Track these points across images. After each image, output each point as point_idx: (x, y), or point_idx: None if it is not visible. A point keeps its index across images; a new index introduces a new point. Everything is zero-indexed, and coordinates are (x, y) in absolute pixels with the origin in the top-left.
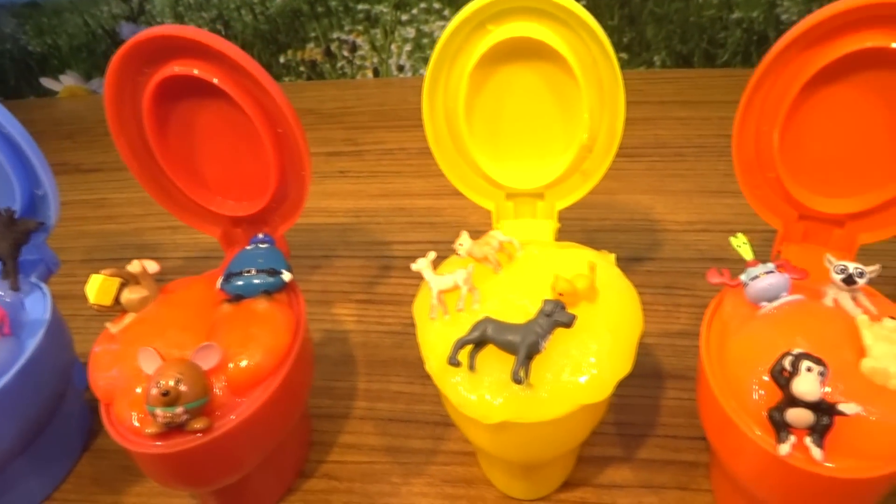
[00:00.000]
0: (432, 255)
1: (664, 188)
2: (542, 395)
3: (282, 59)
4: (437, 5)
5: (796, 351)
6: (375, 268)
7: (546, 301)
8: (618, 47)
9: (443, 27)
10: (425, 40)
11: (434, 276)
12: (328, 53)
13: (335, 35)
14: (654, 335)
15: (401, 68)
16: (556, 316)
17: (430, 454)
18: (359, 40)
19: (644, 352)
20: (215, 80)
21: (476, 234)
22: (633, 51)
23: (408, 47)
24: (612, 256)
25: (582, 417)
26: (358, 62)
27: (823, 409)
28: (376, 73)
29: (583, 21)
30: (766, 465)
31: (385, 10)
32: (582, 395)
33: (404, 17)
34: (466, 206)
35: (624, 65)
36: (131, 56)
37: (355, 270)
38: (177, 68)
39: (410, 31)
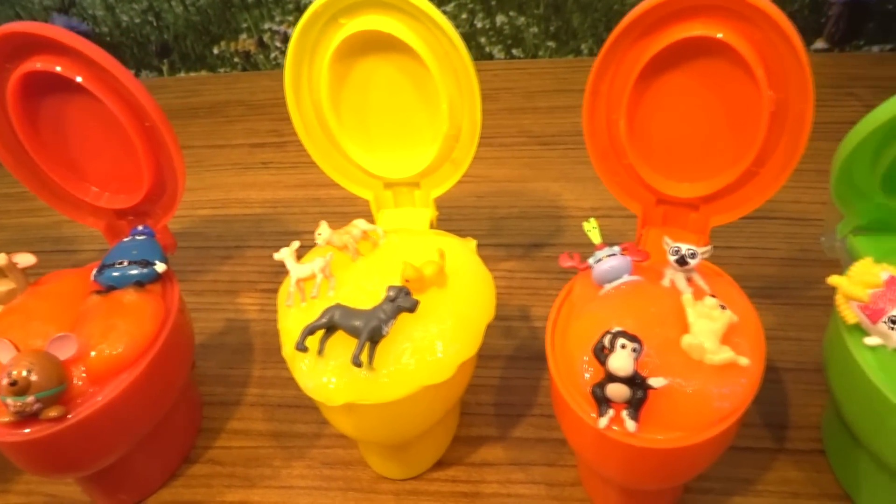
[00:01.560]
0: (296, 244)
1: (574, 175)
2: (382, 378)
3: (216, 51)
4: None
5: (615, 329)
6: None
7: (390, 287)
8: (545, 36)
9: None
10: None
11: (294, 265)
12: (261, 44)
13: (267, 26)
14: (543, 319)
15: None
16: (400, 301)
17: (314, 438)
18: (290, 31)
19: (531, 335)
20: (79, 79)
21: None
22: (560, 39)
23: None
24: (474, 243)
25: (426, 398)
26: None
27: (637, 384)
28: None
29: (428, 14)
30: (590, 438)
31: None
32: (423, 377)
33: None
34: None
35: (552, 53)
36: None
37: (265, 261)
38: (39, 65)
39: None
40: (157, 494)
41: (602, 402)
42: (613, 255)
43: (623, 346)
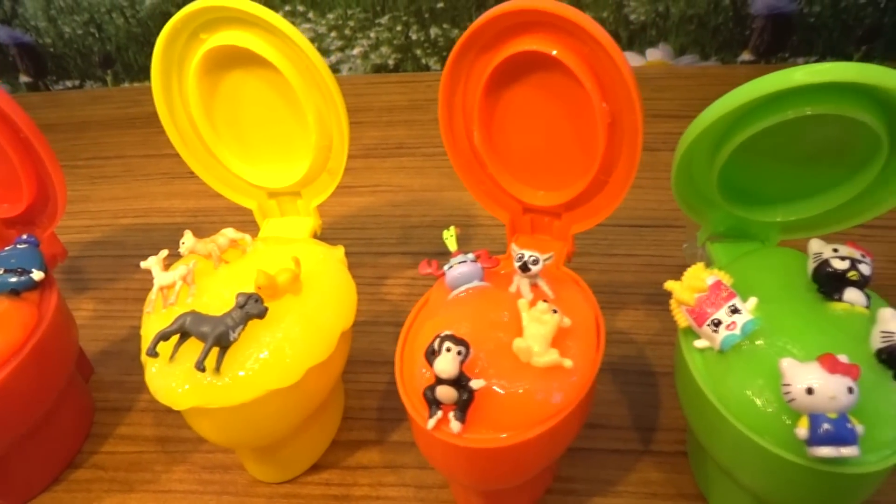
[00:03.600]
0: (164, 252)
1: None
2: (226, 382)
3: None
4: (301, 7)
5: (443, 333)
6: None
7: (240, 294)
8: None
9: (309, 29)
10: None
11: (159, 273)
12: None
13: None
14: None
15: None
16: (249, 308)
17: (198, 443)
18: None
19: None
20: None
21: None
22: None
23: None
24: (341, 251)
25: (275, 402)
26: None
27: (462, 386)
28: None
29: (283, 31)
30: (424, 440)
31: None
32: (269, 381)
33: None
34: None
35: None
36: None
37: None
38: None
39: None
40: (36, 499)
41: (432, 403)
42: (465, 262)
43: (448, 350)
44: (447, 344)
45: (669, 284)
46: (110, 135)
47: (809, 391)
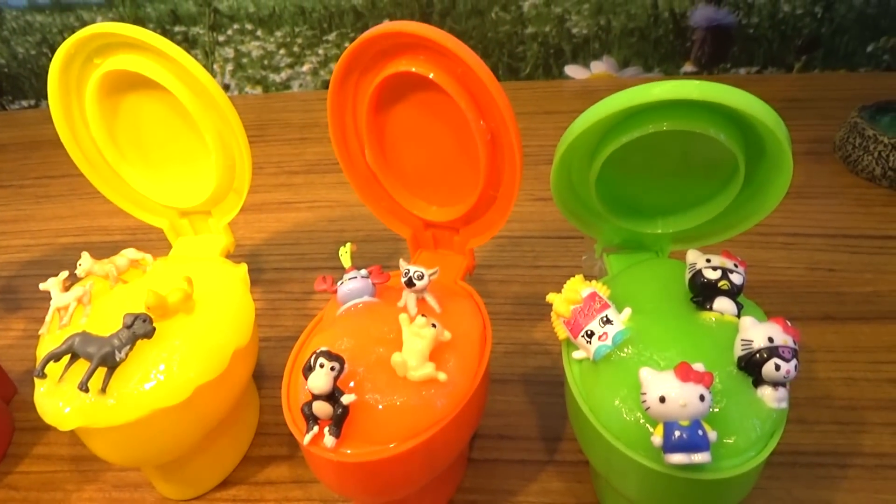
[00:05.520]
0: (64, 273)
1: None
2: (110, 402)
3: None
4: (249, 26)
5: (320, 349)
6: None
7: (127, 314)
8: None
9: (258, 46)
10: (245, 60)
11: (57, 294)
12: None
13: None
14: None
15: (227, 87)
16: (135, 328)
17: (111, 462)
18: None
19: None
20: None
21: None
22: None
23: (230, 67)
24: (244, 269)
25: (165, 420)
26: None
27: (336, 401)
28: None
29: (173, 56)
30: (307, 456)
31: (201, 31)
32: (156, 400)
33: (221, 38)
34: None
35: None
36: None
37: None
38: None
39: (229, 52)
40: None
41: (309, 419)
42: (355, 278)
43: (321, 366)
44: (321, 360)
45: (551, 297)
46: (61, 153)
47: (662, 399)
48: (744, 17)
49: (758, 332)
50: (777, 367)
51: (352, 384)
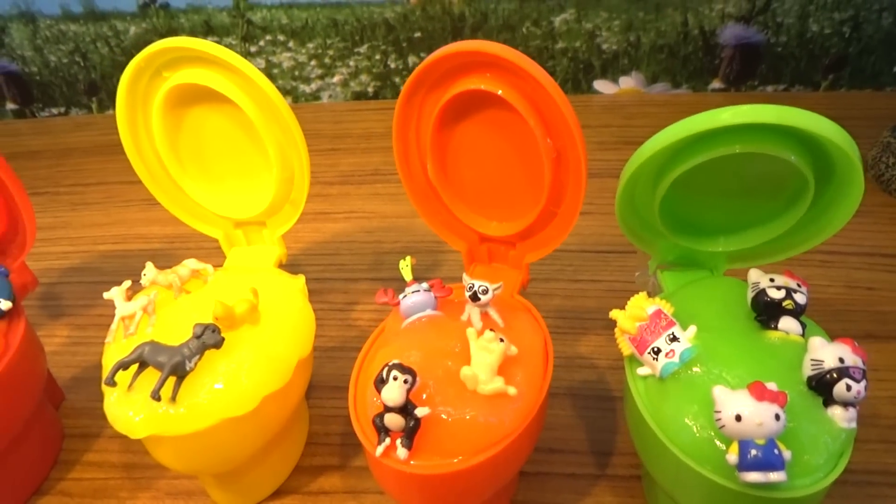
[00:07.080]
0: (127, 283)
1: None
2: (182, 411)
3: None
4: (281, 37)
5: (392, 362)
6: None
7: (197, 325)
8: None
9: (289, 57)
10: (275, 70)
11: (121, 304)
12: None
13: None
14: None
15: None
16: (205, 338)
17: (163, 469)
18: None
19: None
20: None
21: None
22: None
23: None
24: (302, 280)
25: (231, 429)
26: None
27: (409, 413)
28: None
29: (241, 69)
30: (375, 466)
31: (234, 42)
32: (224, 409)
33: (253, 49)
34: None
35: None
36: None
37: None
38: None
39: (261, 62)
40: None
41: (381, 430)
42: (418, 291)
43: (395, 378)
44: (394, 373)
45: (614, 313)
46: (93, 161)
47: (738, 418)
48: (772, 36)
49: (828, 352)
50: (848, 388)
51: (424, 396)
